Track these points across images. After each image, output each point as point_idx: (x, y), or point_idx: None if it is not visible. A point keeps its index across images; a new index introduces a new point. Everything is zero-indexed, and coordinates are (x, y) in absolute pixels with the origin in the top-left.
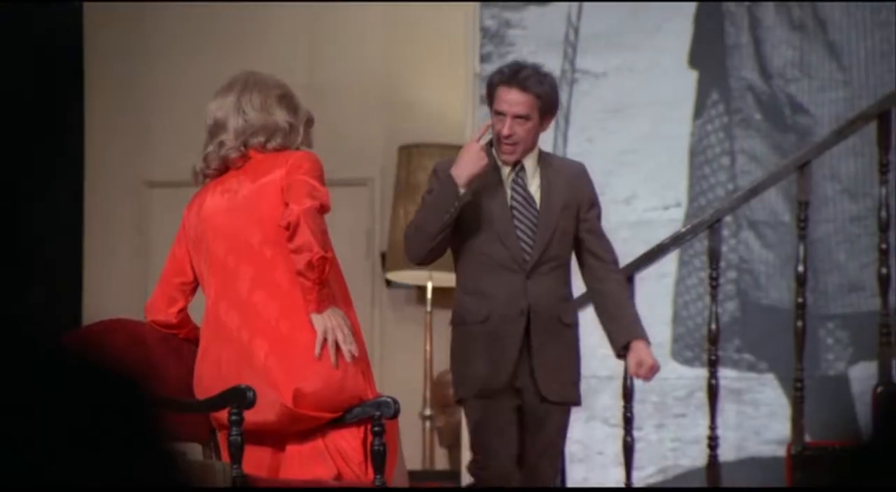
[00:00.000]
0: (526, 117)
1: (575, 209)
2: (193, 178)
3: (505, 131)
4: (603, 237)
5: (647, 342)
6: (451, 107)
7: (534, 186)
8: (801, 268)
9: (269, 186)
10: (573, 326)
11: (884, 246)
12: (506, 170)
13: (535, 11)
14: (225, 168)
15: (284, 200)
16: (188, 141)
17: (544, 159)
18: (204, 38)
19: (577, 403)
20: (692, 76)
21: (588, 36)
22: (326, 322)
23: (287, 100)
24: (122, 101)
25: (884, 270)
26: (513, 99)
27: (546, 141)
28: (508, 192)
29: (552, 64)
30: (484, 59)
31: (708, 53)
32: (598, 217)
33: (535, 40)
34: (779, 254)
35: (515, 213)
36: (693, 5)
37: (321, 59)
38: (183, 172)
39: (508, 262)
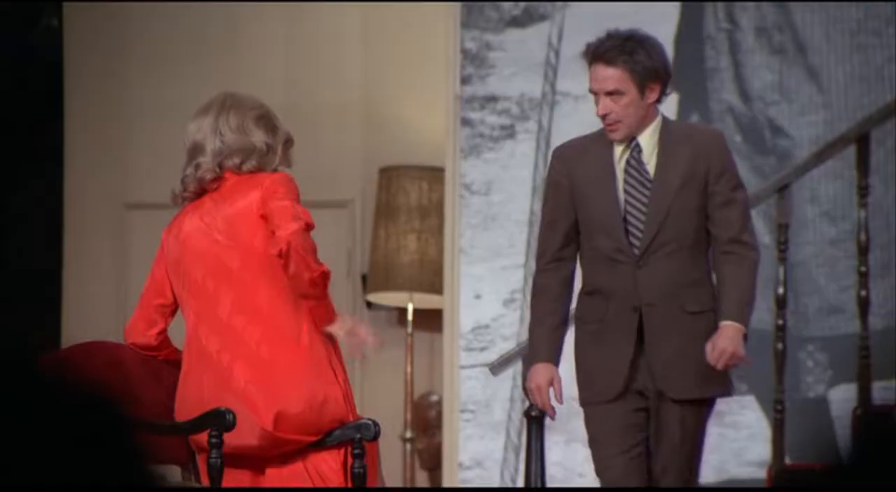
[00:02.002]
0: (619, 92)
1: (700, 182)
2: (172, 200)
3: (599, 111)
4: (729, 209)
5: (739, 323)
6: (431, 129)
7: (652, 164)
8: (781, 290)
9: (246, 209)
10: (703, 314)
11: (863, 269)
12: (618, 150)
13: (516, 34)
14: (202, 190)
15: (269, 229)
16: (168, 163)
17: (668, 130)
18: (184, 60)
19: (709, 396)
20: (673, 98)
21: (569, 58)
22: (346, 324)
23: (265, 120)
24: (101, 123)
25: (863, 293)
26: (599, 75)
27: (527, 164)
28: (620, 175)
29: (533, 86)
30: (464, 81)
31: (688, 76)
32: (734, 188)
33: (515, 62)
34: (759, 276)
35: (628, 198)
36: (673, 29)
37: (300, 80)
38: (163, 195)
39: (615, 253)
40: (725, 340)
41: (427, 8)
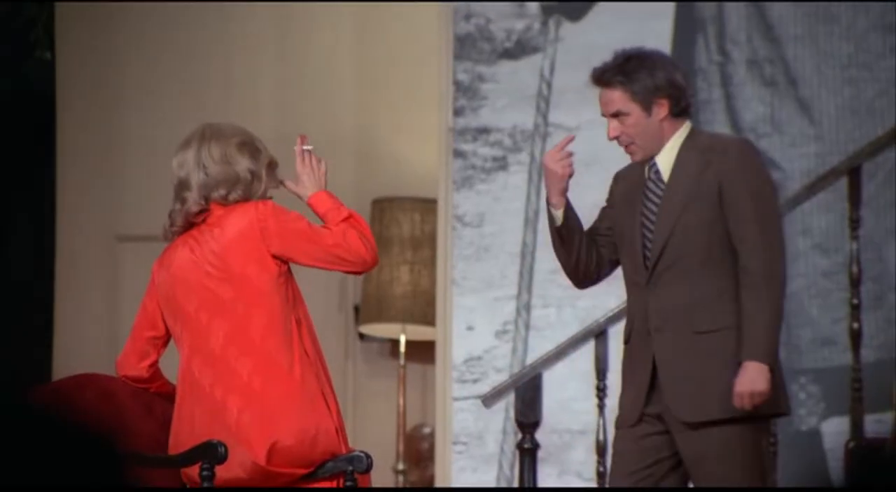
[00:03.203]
0: (622, 113)
1: (712, 194)
2: (163, 235)
3: (609, 134)
4: (744, 225)
5: (757, 360)
6: (424, 161)
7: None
8: None
9: (236, 241)
10: (717, 332)
11: (855, 301)
12: (646, 171)
13: (508, 66)
14: (190, 224)
15: (305, 262)
16: (160, 195)
17: (690, 143)
18: (176, 92)
19: (730, 417)
20: None
21: (561, 90)
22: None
23: (248, 146)
24: (93, 156)
25: (855, 325)
26: (602, 99)
27: (520, 196)
28: (641, 197)
29: (525, 118)
30: (457, 112)
31: None
32: (752, 200)
33: (508, 94)
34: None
35: (644, 219)
36: None
37: (293, 112)
38: (154, 227)
39: (635, 275)
40: (743, 382)
41: (420, 40)
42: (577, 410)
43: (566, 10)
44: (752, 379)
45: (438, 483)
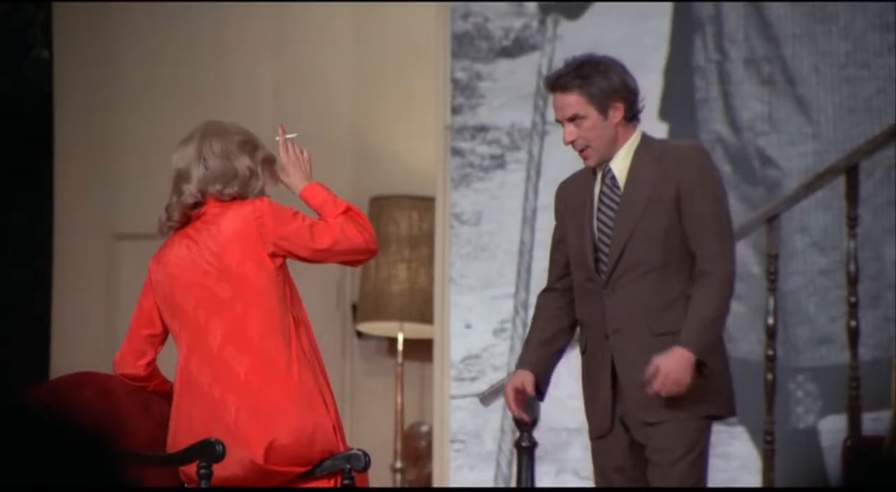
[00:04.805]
0: (579, 117)
1: (670, 201)
2: (158, 230)
3: (565, 139)
4: (702, 231)
5: (690, 349)
6: (422, 159)
7: (623, 186)
8: (770, 320)
9: (233, 239)
10: (675, 334)
11: (853, 299)
12: (598, 176)
13: (506, 64)
14: (186, 219)
15: (298, 257)
16: (157, 193)
17: (644, 149)
18: (173, 91)
19: (694, 414)
20: (663, 129)
21: None
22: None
23: (248, 145)
24: (91, 154)
25: (853, 324)
26: (558, 103)
27: (518, 194)
28: (595, 202)
29: (523, 116)
30: (455, 111)
31: (678, 106)
32: (707, 203)
33: (506, 92)
34: (749, 306)
35: (600, 225)
36: (663, 60)
37: (290, 110)
38: (152, 225)
39: (588, 282)
40: (669, 364)
41: (417, 38)
42: (575, 408)
43: (564, 9)
44: (678, 365)
45: (436, 482)
